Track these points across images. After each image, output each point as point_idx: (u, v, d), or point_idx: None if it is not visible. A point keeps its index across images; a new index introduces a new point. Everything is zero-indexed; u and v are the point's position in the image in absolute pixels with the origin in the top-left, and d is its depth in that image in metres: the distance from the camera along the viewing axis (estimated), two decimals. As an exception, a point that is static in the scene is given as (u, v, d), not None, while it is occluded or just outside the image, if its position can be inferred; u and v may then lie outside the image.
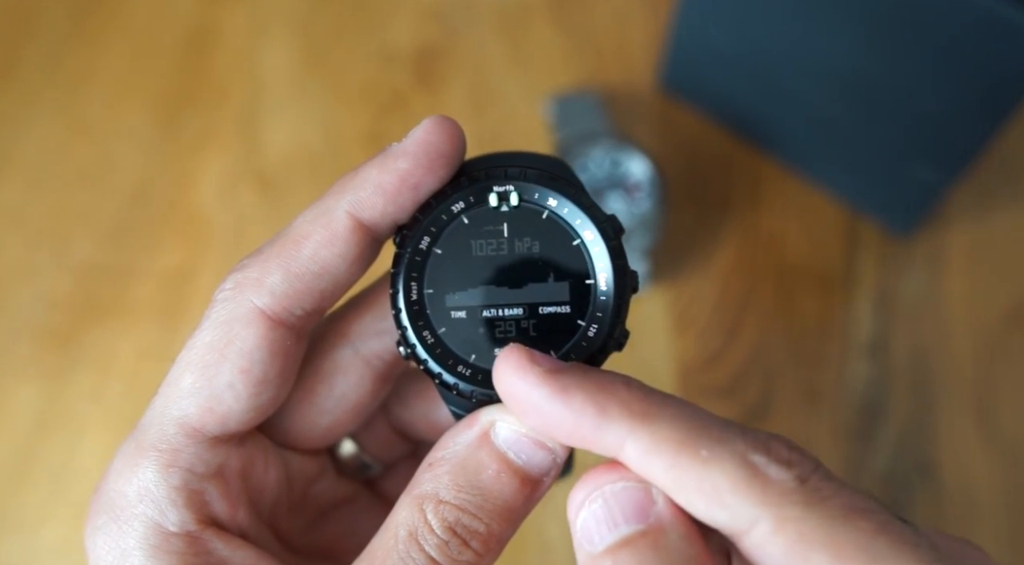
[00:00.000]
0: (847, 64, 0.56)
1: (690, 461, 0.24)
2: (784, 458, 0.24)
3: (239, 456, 0.29)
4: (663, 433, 0.24)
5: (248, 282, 0.27)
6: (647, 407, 0.24)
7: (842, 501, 0.24)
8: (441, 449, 0.27)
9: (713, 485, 0.23)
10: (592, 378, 0.25)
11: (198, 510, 0.27)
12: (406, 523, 0.25)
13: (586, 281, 0.28)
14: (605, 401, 0.24)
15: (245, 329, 0.27)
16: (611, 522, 0.25)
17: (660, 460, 0.24)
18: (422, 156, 0.27)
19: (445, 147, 0.27)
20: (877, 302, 0.61)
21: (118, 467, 0.27)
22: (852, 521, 0.23)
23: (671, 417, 0.24)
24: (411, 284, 0.28)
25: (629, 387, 0.25)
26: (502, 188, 0.28)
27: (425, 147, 0.27)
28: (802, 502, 0.23)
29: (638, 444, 0.24)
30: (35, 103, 0.68)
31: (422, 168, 0.27)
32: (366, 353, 0.31)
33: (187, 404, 0.27)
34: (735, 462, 0.24)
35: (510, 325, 0.28)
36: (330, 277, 0.28)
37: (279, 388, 0.28)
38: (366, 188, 0.27)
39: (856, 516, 0.23)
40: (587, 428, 0.24)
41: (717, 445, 0.24)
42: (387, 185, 0.27)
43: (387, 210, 0.27)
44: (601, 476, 0.25)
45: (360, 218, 0.27)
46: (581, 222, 0.28)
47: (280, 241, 0.28)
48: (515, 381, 0.25)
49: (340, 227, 0.27)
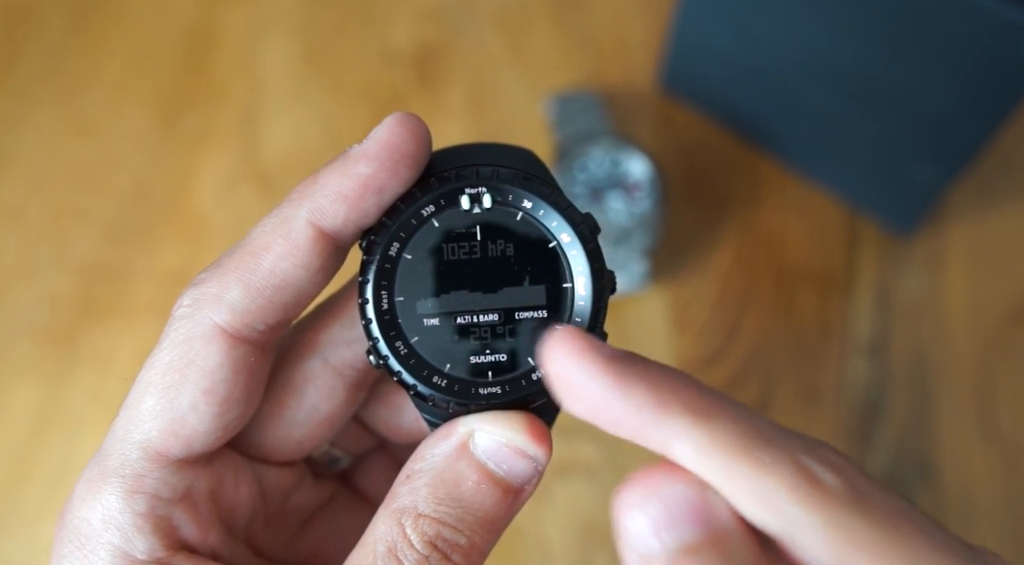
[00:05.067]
0: (847, 64, 0.56)
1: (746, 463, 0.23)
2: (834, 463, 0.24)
3: (207, 476, 0.28)
4: (720, 433, 0.23)
5: (206, 298, 0.26)
6: (705, 405, 0.24)
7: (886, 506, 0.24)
8: (418, 460, 0.26)
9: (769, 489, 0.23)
10: (652, 370, 0.24)
11: (166, 536, 0.26)
12: (385, 538, 0.25)
13: (563, 285, 0.27)
14: (665, 396, 0.24)
15: (206, 348, 0.26)
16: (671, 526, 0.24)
17: (715, 461, 0.23)
18: (385, 158, 0.26)
19: (409, 147, 0.26)
20: (877, 301, 0.61)
21: (81, 494, 0.26)
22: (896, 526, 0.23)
23: (728, 417, 0.24)
24: (381, 293, 0.26)
25: (688, 383, 0.24)
26: (474, 190, 0.27)
27: (388, 148, 0.26)
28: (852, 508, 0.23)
29: (694, 443, 0.23)
30: (35, 103, 0.68)
31: (385, 171, 0.26)
32: (336, 363, 0.29)
33: (149, 427, 0.26)
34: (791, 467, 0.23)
35: (485, 331, 0.27)
36: (293, 289, 0.26)
37: (245, 406, 0.27)
38: (326, 195, 0.26)
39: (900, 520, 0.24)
40: (643, 422, 0.23)
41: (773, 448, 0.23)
42: (348, 191, 0.26)
43: (350, 217, 0.26)
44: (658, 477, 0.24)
45: (322, 226, 0.26)
46: (558, 224, 0.27)
47: (239, 253, 0.26)
48: (571, 368, 0.23)
49: (301, 237, 0.26)
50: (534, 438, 0.26)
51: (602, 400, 0.23)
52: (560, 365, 0.24)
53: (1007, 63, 0.48)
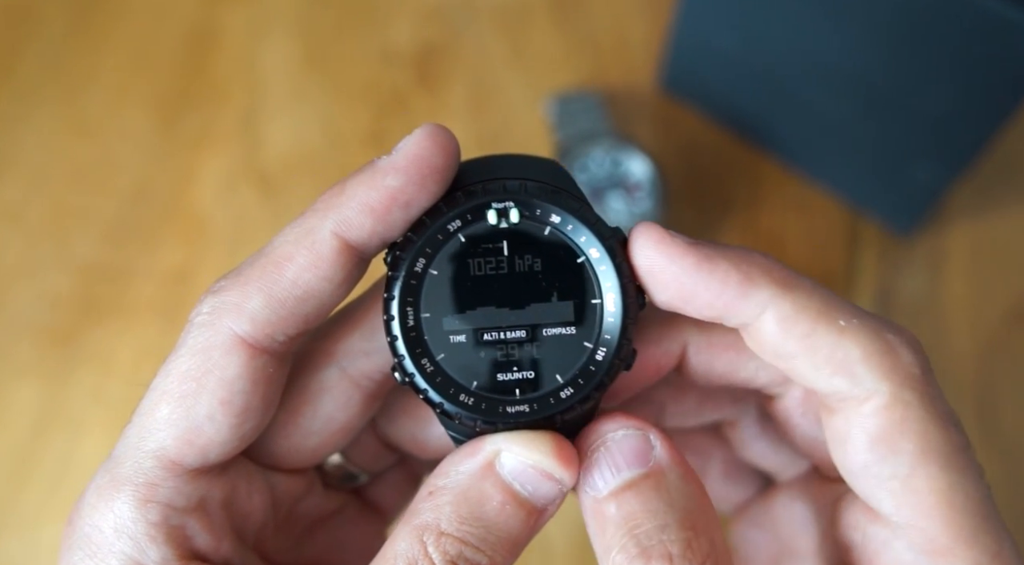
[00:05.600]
0: (848, 64, 0.56)
1: (828, 329, 0.25)
2: (914, 345, 0.26)
3: (221, 486, 0.27)
4: (804, 301, 0.25)
5: (227, 307, 0.26)
6: (789, 276, 0.25)
7: (945, 408, 0.26)
8: (442, 477, 0.26)
9: (847, 353, 0.25)
10: (732, 248, 0.26)
11: (179, 545, 0.26)
12: (405, 555, 0.24)
13: (592, 301, 0.27)
14: (749, 268, 0.25)
15: (225, 357, 0.25)
16: (614, 468, 0.25)
17: (798, 327, 0.25)
18: (413, 172, 0.25)
19: (438, 161, 0.25)
20: (877, 301, 0.61)
21: (92, 501, 0.26)
22: (947, 430, 0.25)
23: (811, 287, 0.25)
24: (407, 310, 0.26)
25: (768, 257, 0.26)
26: (501, 204, 0.26)
27: (417, 162, 0.25)
28: (919, 391, 0.25)
29: (779, 310, 0.25)
30: (35, 103, 0.68)
31: (413, 185, 0.25)
32: (354, 373, 0.29)
33: (164, 436, 0.26)
34: (870, 335, 0.25)
35: (512, 348, 0.26)
36: (315, 301, 0.26)
37: (262, 416, 0.27)
38: (352, 207, 0.25)
39: (951, 428, 0.25)
40: (731, 295, 0.25)
41: (854, 318, 0.25)
42: (376, 204, 0.25)
43: (376, 230, 0.25)
44: (602, 426, 0.26)
45: (347, 239, 0.25)
46: (586, 239, 0.26)
47: (261, 263, 0.26)
48: (656, 255, 0.25)
49: (325, 249, 0.25)
50: (561, 461, 0.26)
51: (690, 280, 0.25)
52: (646, 255, 0.25)
53: (1007, 63, 0.48)
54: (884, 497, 0.25)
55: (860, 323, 0.25)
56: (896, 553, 0.26)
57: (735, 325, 0.26)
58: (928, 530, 0.25)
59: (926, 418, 0.25)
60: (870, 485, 0.26)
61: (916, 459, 0.25)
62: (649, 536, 0.24)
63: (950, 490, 0.25)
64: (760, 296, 0.25)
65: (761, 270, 0.25)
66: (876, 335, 0.25)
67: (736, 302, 0.25)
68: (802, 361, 0.25)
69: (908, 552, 0.26)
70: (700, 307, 0.26)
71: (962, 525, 0.25)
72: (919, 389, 0.25)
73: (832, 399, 0.26)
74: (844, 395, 0.25)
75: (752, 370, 0.30)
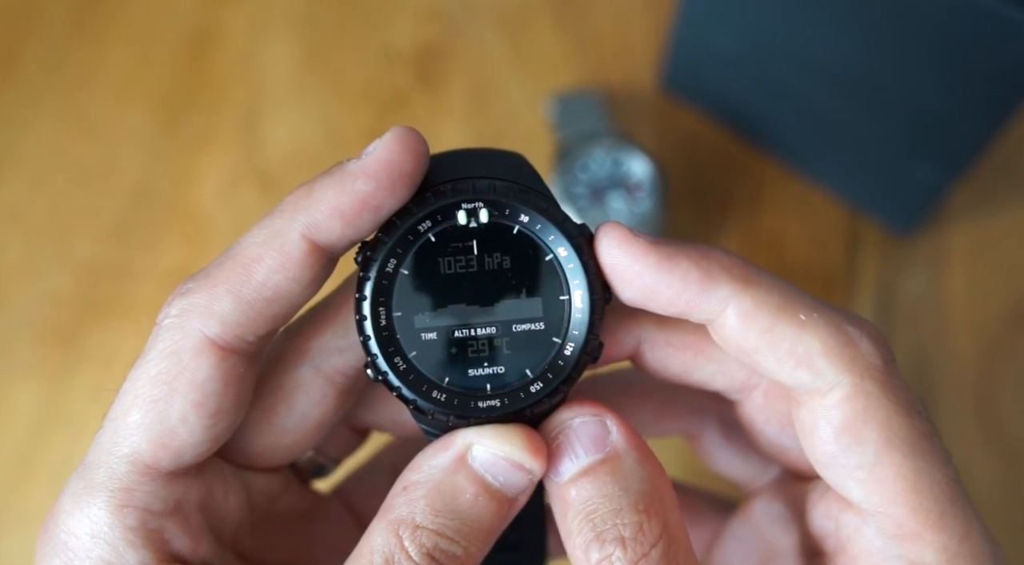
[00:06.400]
0: (848, 63, 0.56)
1: (788, 323, 0.25)
2: (874, 336, 0.26)
3: (197, 488, 0.27)
4: (764, 297, 0.26)
5: (196, 309, 0.26)
6: (748, 273, 0.26)
7: (908, 396, 0.26)
8: (415, 471, 0.26)
9: (807, 346, 0.25)
10: (693, 246, 0.26)
11: (157, 549, 0.26)
12: (382, 549, 0.25)
13: (560, 297, 0.27)
14: (709, 266, 0.26)
15: (195, 360, 0.26)
16: (573, 455, 0.26)
17: (759, 322, 0.26)
18: (384, 177, 0.25)
19: (409, 166, 0.26)
20: (878, 301, 0.61)
21: (67, 507, 0.26)
22: (911, 418, 0.26)
23: (771, 283, 0.26)
24: (379, 309, 0.26)
25: (729, 254, 0.26)
26: (471, 205, 0.27)
27: (387, 167, 0.25)
28: (880, 381, 0.25)
29: (740, 306, 0.26)
30: (36, 103, 0.68)
31: (383, 190, 0.26)
32: (328, 370, 0.29)
33: (137, 440, 0.26)
34: (830, 329, 0.26)
35: (483, 344, 0.27)
36: (284, 301, 0.26)
37: (235, 416, 0.27)
38: (322, 210, 0.26)
39: (915, 415, 0.26)
40: (692, 292, 0.26)
41: (814, 312, 0.26)
42: (346, 208, 0.25)
43: (345, 233, 0.26)
44: (562, 413, 0.27)
45: (315, 241, 0.26)
46: (554, 238, 0.27)
47: (229, 264, 0.26)
48: (619, 254, 0.26)
49: (294, 250, 0.26)
50: (531, 452, 0.26)
51: (651, 278, 0.26)
52: (610, 254, 0.26)
53: (1008, 63, 0.48)
54: (853, 486, 0.26)
55: (820, 317, 0.26)
56: (867, 539, 0.27)
57: (700, 321, 0.27)
58: (896, 516, 0.25)
59: (888, 407, 0.25)
60: (839, 475, 0.26)
61: (880, 447, 0.25)
62: (604, 520, 0.25)
63: (916, 476, 0.25)
64: (721, 293, 0.26)
65: (721, 267, 0.26)
66: (836, 328, 0.26)
67: (697, 299, 0.26)
68: (765, 356, 0.26)
69: (878, 538, 0.27)
70: (663, 304, 0.26)
71: (929, 510, 0.25)
72: (880, 379, 0.25)
73: (798, 392, 0.26)
74: (808, 388, 0.26)
75: (708, 373, 0.30)
